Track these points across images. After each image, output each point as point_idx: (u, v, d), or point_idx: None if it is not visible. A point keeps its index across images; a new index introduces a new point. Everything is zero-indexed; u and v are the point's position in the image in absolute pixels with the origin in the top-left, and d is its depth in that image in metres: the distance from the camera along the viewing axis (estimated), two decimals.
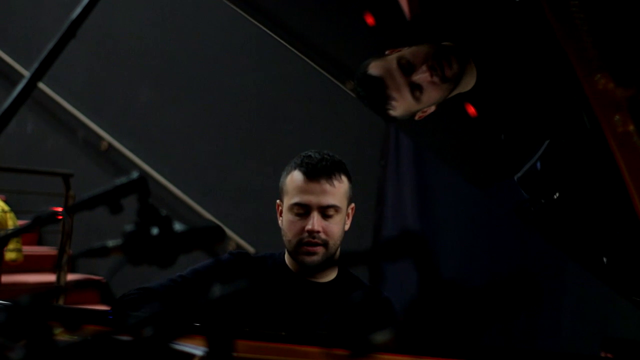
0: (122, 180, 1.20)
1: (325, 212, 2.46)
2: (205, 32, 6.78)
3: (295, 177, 2.50)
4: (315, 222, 2.44)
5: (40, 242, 6.94)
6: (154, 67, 6.91)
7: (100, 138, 6.92)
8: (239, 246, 6.22)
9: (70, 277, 6.17)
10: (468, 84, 2.43)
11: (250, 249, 6.18)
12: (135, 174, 1.21)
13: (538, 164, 2.33)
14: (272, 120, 6.48)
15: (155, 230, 1.15)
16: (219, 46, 6.75)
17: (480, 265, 4.74)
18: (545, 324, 4.47)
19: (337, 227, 2.48)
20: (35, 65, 1.40)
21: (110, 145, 6.89)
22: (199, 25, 6.84)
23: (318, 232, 2.44)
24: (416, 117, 2.45)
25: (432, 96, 2.36)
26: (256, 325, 2.29)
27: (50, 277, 6.04)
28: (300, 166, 2.51)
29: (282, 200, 2.55)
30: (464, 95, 2.53)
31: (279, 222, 2.57)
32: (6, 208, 5.42)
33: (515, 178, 2.41)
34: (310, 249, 2.45)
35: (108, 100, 7.05)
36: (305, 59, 5.49)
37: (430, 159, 5.13)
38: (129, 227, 1.15)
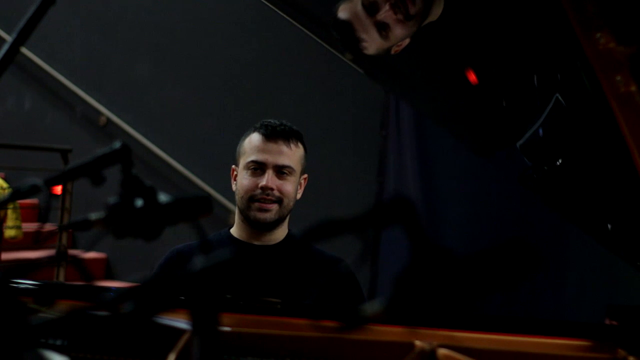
0: (103, 150, 1.16)
1: (280, 171, 2.55)
2: (203, 5, 6.72)
3: (253, 139, 2.60)
4: (269, 178, 2.53)
5: (40, 219, 6.91)
6: (152, 41, 6.86)
7: (99, 113, 6.88)
8: None
9: (72, 252, 6.16)
10: (437, 13, 2.46)
11: None
12: (117, 144, 1.16)
13: (540, 131, 2.30)
14: (271, 92, 6.44)
15: (139, 202, 1.11)
16: (217, 19, 6.69)
17: (483, 234, 4.71)
18: (549, 292, 4.44)
19: (290, 186, 2.57)
20: (16, 31, 1.36)
21: (108, 120, 6.85)
22: None
23: (272, 189, 2.53)
24: (392, 52, 2.47)
25: (399, 33, 2.40)
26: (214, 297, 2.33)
27: (51, 254, 6.02)
28: (259, 129, 2.61)
29: (237, 165, 2.63)
30: (464, 62, 2.52)
31: (233, 186, 2.64)
32: (5, 185, 5.39)
33: (518, 145, 2.39)
34: (264, 205, 2.54)
35: (106, 75, 7.00)
36: (304, 30, 5.44)
37: (431, 128, 5.09)
38: (112, 199, 1.11)
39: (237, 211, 2.63)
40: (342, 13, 2.43)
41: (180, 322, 1.55)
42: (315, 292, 2.50)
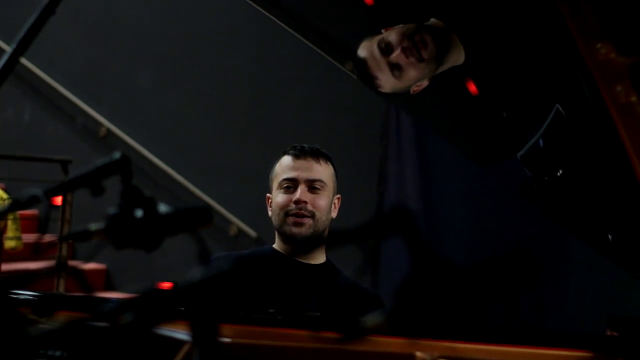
0: (103, 160, 1.15)
1: (312, 185, 2.57)
2: (203, 15, 6.73)
3: (283, 161, 2.64)
4: (302, 192, 2.55)
5: (40, 230, 6.90)
6: (152, 51, 6.86)
7: (99, 124, 6.87)
8: (240, 230, 6.18)
9: (72, 263, 6.15)
10: (459, 58, 2.48)
11: (252, 233, 6.17)
12: (117, 154, 1.16)
13: (541, 141, 2.30)
14: (271, 102, 6.43)
15: (139, 213, 1.10)
16: (217, 28, 6.69)
17: (483, 244, 4.71)
18: (550, 302, 4.44)
19: (324, 201, 2.58)
20: (16, 41, 1.37)
21: (109, 131, 6.84)
22: (197, 7, 6.78)
23: (305, 202, 2.54)
24: (411, 91, 2.51)
25: (413, 75, 2.44)
26: (248, 308, 2.33)
27: (51, 265, 6.00)
28: (288, 151, 2.65)
29: (271, 190, 2.65)
30: (464, 73, 2.53)
31: (269, 212, 2.66)
32: (5, 196, 5.38)
33: (518, 156, 2.38)
34: (298, 219, 2.54)
35: (106, 86, 6.99)
36: (304, 40, 5.45)
37: (431, 138, 5.10)
38: (111, 210, 1.10)
39: (275, 232, 2.65)
40: (361, 50, 2.49)
41: (180, 333, 1.54)
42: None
